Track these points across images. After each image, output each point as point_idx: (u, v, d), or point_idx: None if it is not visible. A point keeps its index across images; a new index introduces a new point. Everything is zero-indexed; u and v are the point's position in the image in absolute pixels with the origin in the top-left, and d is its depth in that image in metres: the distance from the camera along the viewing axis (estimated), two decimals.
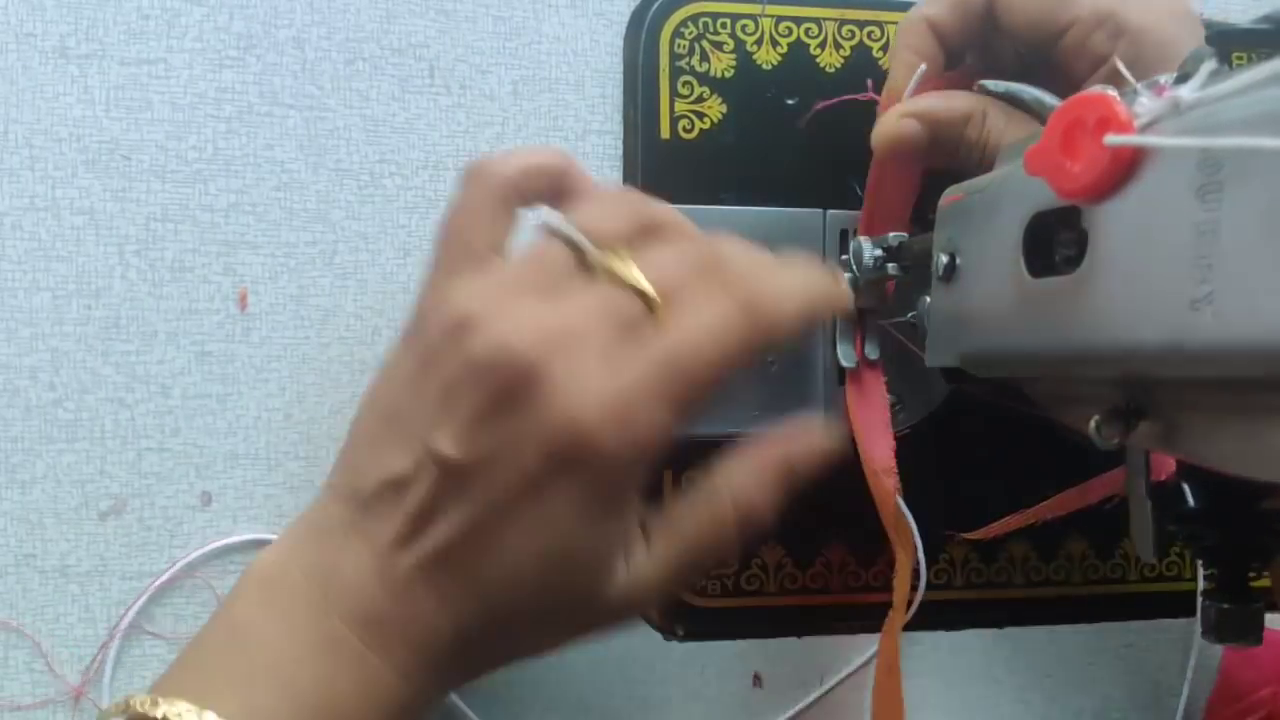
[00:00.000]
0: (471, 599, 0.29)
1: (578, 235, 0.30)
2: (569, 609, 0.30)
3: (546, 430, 0.27)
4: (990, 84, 0.33)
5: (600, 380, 0.28)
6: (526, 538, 0.28)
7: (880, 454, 0.38)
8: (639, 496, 0.30)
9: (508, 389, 0.28)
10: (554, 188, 0.32)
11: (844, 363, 0.40)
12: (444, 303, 0.30)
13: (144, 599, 0.36)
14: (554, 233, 0.30)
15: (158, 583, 0.36)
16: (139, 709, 0.28)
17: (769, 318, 0.30)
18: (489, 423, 0.28)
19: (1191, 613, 0.43)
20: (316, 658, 0.29)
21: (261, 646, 0.29)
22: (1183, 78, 0.23)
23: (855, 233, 0.40)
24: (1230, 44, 0.24)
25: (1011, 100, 0.34)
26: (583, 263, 0.30)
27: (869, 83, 0.41)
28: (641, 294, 0.29)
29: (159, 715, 0.27)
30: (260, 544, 0.37)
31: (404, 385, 0.30)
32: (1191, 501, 0.28)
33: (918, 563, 0.39)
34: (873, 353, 0.40)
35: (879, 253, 0.37)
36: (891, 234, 0.37)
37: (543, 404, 0.28)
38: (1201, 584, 0.42)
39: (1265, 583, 0.28)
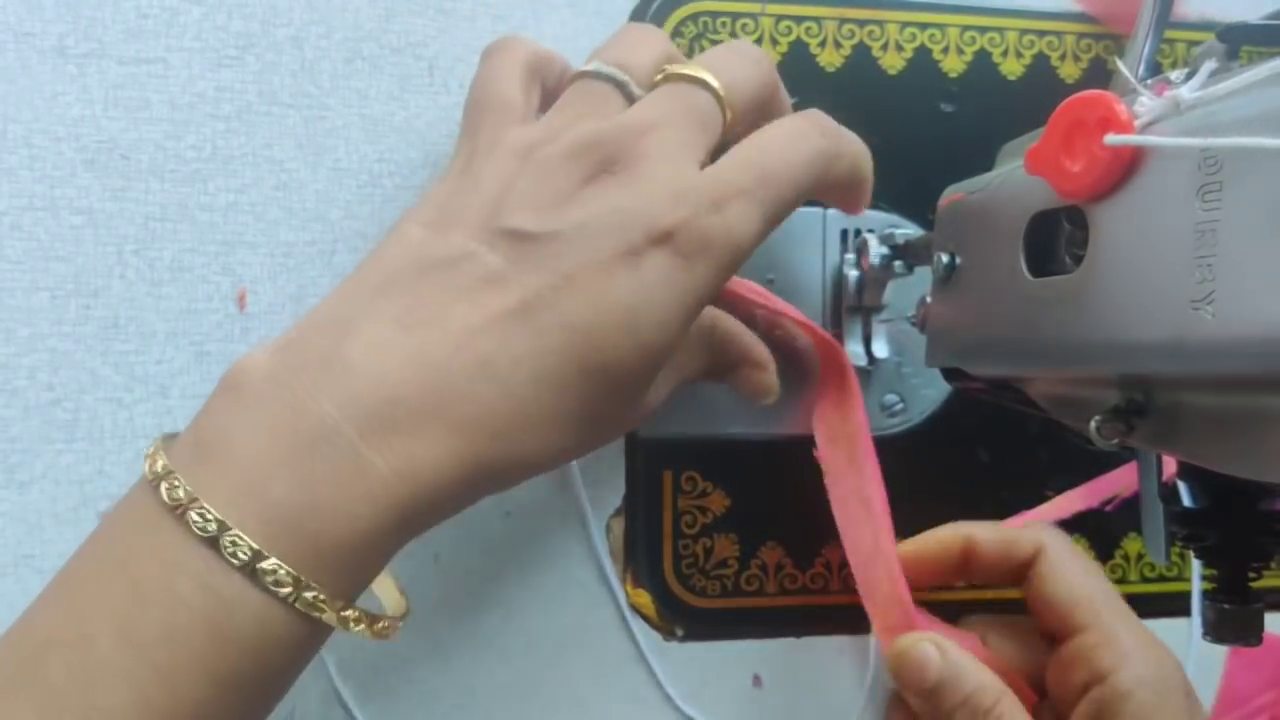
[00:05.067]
0: (524, 367, 0.26)
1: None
2: (614, 395, 0.27)
3: (651, 203, 0.27)
4: (873, 235, 0.37)
5: (694, 167, 0.28)
6: (605, 305, 0.26)
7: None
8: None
9: (605, 163, 0.28)
10: (563, 73, 0.33)
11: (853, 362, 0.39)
12: (501, 141, 0.29)
13: None
14: (597, 74, 0.30)
15: None
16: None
17: (834, 134, 0.31)
18: (582, 196, 0.27)
19: (1191, 613, 0.43)
20: (295, 457, 0.24)
21: (228, 453, 0.24)
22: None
23: (856, 238, 0.39)
24: (1241, 40, 0.23)
25: (895, 247, 0.36)
26: (628, 96, 0.30)
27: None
28: (711, 89, 0.29)
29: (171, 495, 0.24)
30: None
31: (451, 193, 0.29)
32: (1191, 501, 0.28)
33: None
34: (881, 351, 0.39)
35: (885, 250, 0.37)
36: (898, 231, 0.37)
37: (644, 181, 0.27)
38: (1201, 584, 0.42)
39: (1268, 582, 0.28)
